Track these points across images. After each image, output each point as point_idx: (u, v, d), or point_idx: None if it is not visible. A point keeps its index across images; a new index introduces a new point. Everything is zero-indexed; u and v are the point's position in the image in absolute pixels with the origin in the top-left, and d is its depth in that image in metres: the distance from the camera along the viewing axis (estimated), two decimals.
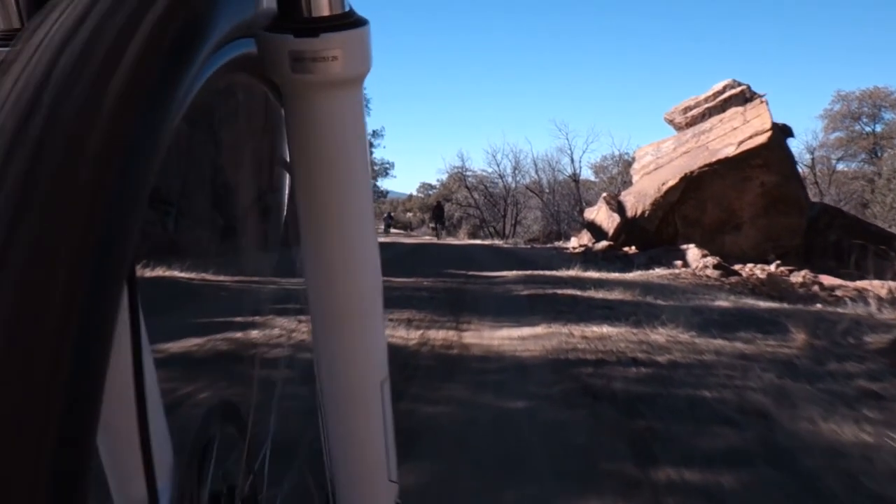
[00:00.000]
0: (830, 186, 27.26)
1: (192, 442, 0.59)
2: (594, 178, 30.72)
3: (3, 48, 0.36)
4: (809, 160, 28.62)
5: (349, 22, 0.43)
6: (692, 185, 12.18)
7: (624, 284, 6.04)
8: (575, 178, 28.46)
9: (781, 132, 12.41)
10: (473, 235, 28.96)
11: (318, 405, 0.58)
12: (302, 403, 1.08)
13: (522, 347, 3.27)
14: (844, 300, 5.71)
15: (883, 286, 7.21)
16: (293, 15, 0.42)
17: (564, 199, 27.30)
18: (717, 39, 72.04)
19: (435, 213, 27.22)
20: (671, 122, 15.71)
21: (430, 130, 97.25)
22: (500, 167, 32.06)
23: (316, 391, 0.57)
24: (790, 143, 13.08)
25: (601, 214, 14.76)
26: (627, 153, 26.72)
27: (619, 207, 13.98)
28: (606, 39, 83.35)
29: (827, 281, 8.46)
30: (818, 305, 5.45)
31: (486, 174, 32.37)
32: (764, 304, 5.30)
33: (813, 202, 14.16)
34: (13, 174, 0.22)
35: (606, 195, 15.84)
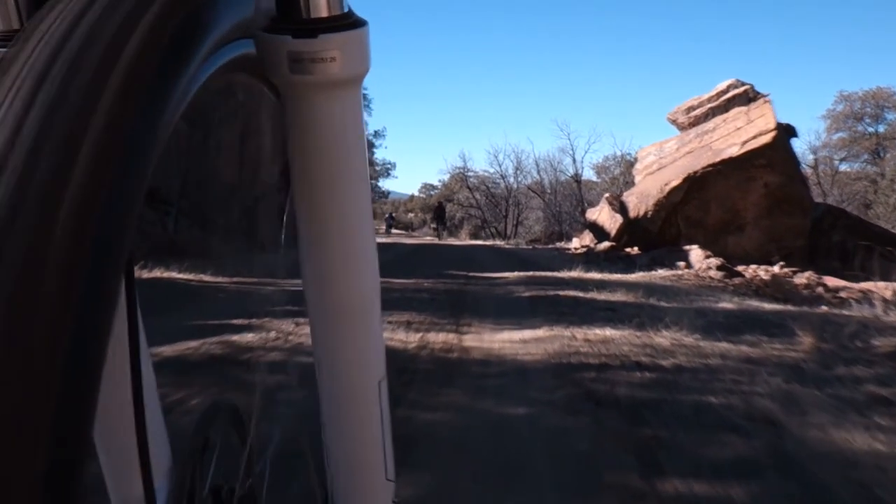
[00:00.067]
0: (833, 187, 27.19)
1: (189, 442, 0.59)
2: (596, 178, 30.74)
3: (2, 48, 0.36)
4: (812, 161, 28.54)
5: (348, 23, 0.43)
6: (695, 185, 12.14)
7: (626, 286, 5.99)
8: (577, 178, 28.44)
9: (785, 132, 12.36)
10: (475, 236, 28.96)
11: (316, 404, 0.59)
12: (302, 404, 1.05)
13: (524, 351, 3.22)
14: (849, 302, 5.66)
15: (888, 288, 7.14)
16: (292, 16, 0.43)
17: (566, 199, 27.28)
18: (719, 39, 72.13)
19: (436, 213, 27.24)
20: (674, 122, 15.66)
21: (431, 131, 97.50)
22: (501, 167, 32.17)
23: (314, 391, 0.58)
24: (793, 143, 13.04)
25: (603, 215, 14.72)
26: (630, 153, 26.70)
27: (621, 208, 13.94)
28: (608, 39, 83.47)
29: (831, 282, 8.41)
30: (823, 307, 5.40)
31: (487, 174, 32.47)
32: (768, 305, 5.25)
33: (816, 203, 14.10)
34: (10, 172, 0.22)
35: (609, 195, 15.79)
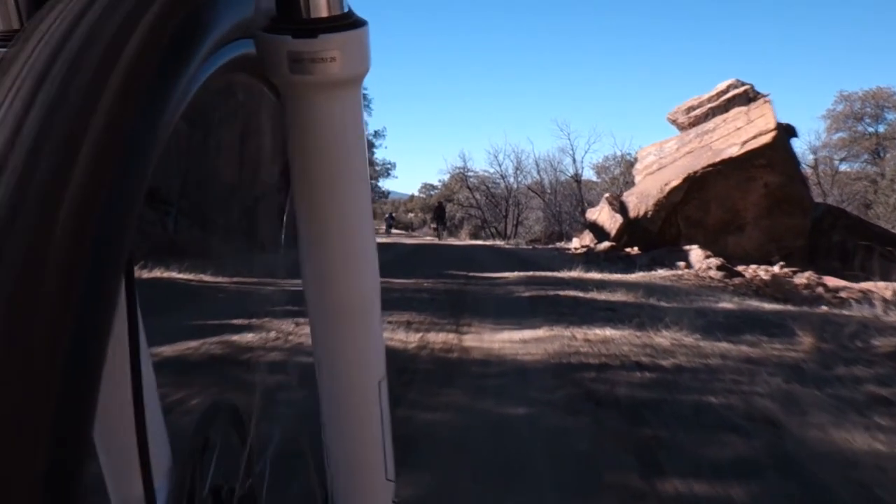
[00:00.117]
0: (833, 187, 27.18)
1: (189, 442, 0.59)
2: (596, 178, 30.74)
3: (2, 48, 0.36)
4: (812, 161, 28.52)
5: (348, 23, 0.43)
6: (695, 185, 12.13)
7: (626, 286, 5.98)
8: (577, 178, 28.43)
9: (785, 132, 12.36)
10: (475, 236, 28.95)
11: (316, 404, 0.59)
12: (301, 404, 1.05)
13: (524, 351, 3.21)
14: (849, 302, 5.66)
15: (888, 288, 7.13)
16: (292, 16, 0.42)
17: (566, 199, 27.28)
18: (718, 39, 72.11)
19: (436, 213, 27.22)
20: (674, 122, 15.66)
21: (431, 131, 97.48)
22: (501, 167, 32.18)
23: (314, 391, 0.58)
24: (793, 143, 13.04)
25: (603, 215, 14.71)
26: (630, 153, 26.71)
27: (621, 208, 13.93)
28: (608, 39, 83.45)
29: (831, 282, 8.40)
30: (823, 307, 5.40)
31: (487, 174, 32.47)
32: (768, 305, 5.25)
33: (816, 203, 14.09)
34: (10, 172, 0.22)
35: (609, 195, 15.79)
